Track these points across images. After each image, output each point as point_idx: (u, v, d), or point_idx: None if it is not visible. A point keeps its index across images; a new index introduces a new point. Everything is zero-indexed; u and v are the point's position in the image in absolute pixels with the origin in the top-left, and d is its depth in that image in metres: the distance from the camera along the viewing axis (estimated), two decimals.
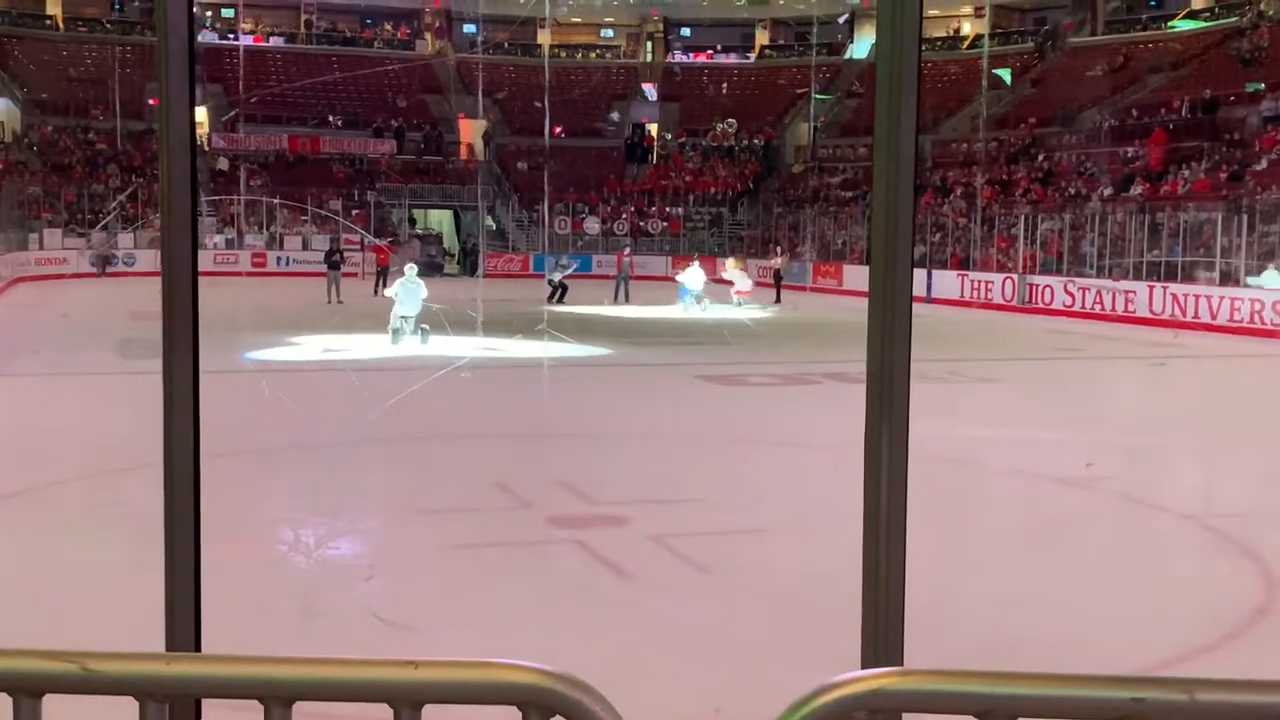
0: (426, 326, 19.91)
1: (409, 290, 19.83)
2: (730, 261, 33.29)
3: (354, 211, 46.56)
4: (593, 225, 48.51)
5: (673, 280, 33.78)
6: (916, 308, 2.27)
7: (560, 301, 31.04)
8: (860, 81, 51.23)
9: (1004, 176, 39.72)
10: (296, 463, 10.42)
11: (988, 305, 32.15)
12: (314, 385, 15.50)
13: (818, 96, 50.42)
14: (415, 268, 21.02)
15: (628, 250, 34.43)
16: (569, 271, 32.58)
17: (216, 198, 45.00)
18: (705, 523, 8.33)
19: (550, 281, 32.03)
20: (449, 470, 10.16)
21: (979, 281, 33.47)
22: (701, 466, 10.48)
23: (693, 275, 30.02)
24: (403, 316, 19.80)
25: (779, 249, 38.81)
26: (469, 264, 46.52)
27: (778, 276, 34.66)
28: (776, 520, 8.46)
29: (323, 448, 11.07)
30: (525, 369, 17.40)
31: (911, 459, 2.24)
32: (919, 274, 31.38)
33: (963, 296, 33.48)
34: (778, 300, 33.47)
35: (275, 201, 44.56)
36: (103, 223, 42.76)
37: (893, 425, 2.20)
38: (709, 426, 12.55)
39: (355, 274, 39.14)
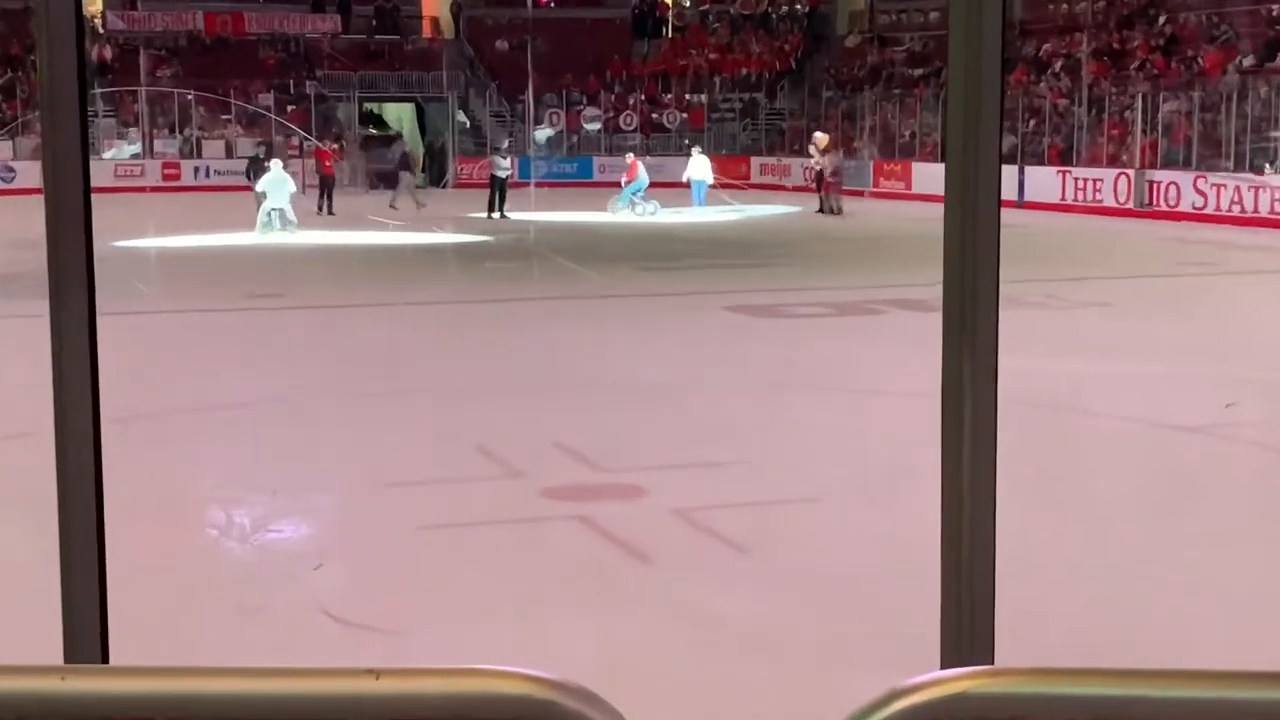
0: (294, 220, 26.04)
1: (276, 183, 26.11)
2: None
3: (289, 108, 46.44)
4: (593, 120, 48.31)
5: (686, 186, 34.05)
6: (1006, 214, 2.26)
7: (501, 211, 31.11)
8: None
9: (1115, 45, 39.37)
10: (226, 424, 10.48)
11: (1096, 209, 31.98)
12: (241, 325, 15.54)
13: None
14: (280, 162, 28.34)
15: (631, 157, 34.09)
16: (507, 169, 32.56)
17: (114, 89, 44.90)
18: (742, 491, 8.36)
19: (494, 178, 32.11)
20: (419, 430, 10.21)
21: (1085, 180, 33.28)
22: (736, 421, 10.50)
23: (638, 173, 32.03)
24: (271, 210, 25.81)
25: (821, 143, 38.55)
26: (435, 170, 46.40)
27: (820, 178, 34.51)
28: (831, 486, 8.48)
29: (259, 404, 11.12)
30: (508, 303, 17.43)
31: (1001, 404, 2.23)
32: (1008, 172, 31.26)
33: (1064, 199, 33.30)
34: (822, 209, 33.36)
35: (190, 96, 44.46)
36: None
37: (977, 364, 2.19)
38: (743, 370, 12.55)
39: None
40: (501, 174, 32.15)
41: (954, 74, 2.21)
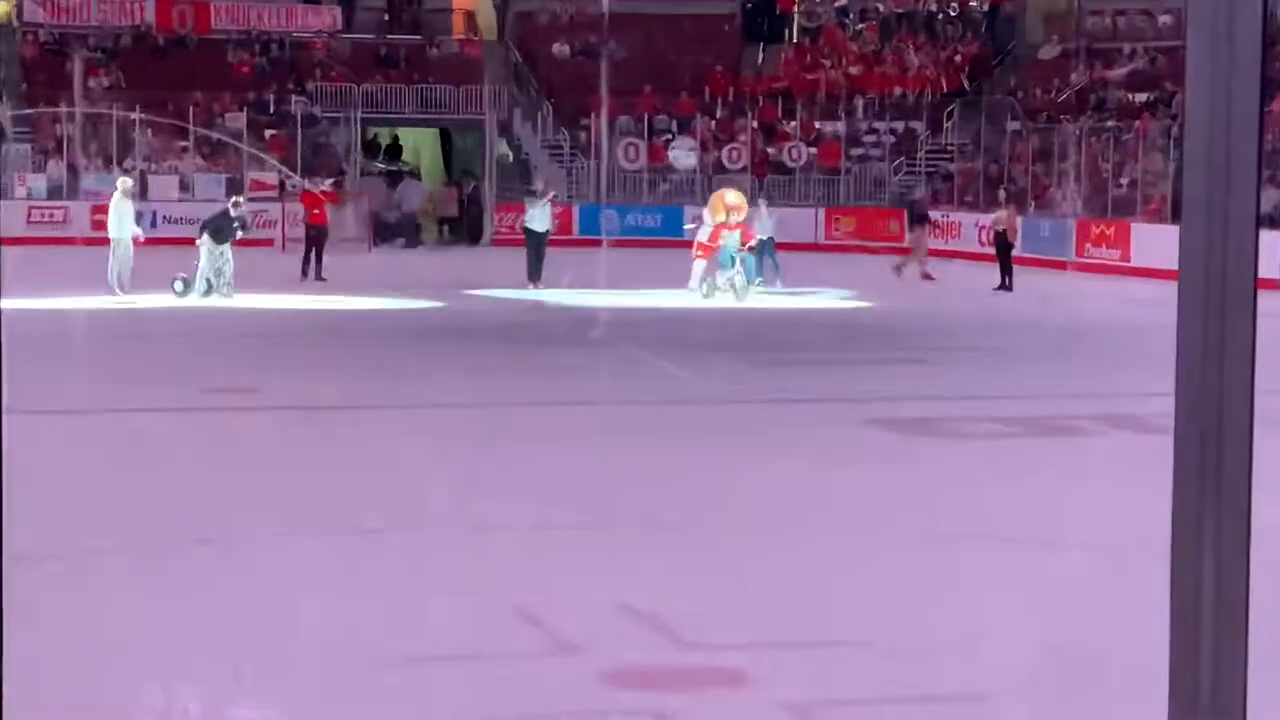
0: (192, 280, 28.21)
1: (118, 215, 28.81)
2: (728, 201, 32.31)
3: (268, 133, 46.98)
4: (685, 153, 48.49)
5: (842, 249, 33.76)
6: (1265, 298, 2.26)
7: (536, 278, 31.49)
8: None
9: None
10: (172, 569, 10.54)
11: None
12: (197, 431, 15.69)
13: None
14: (128, 180, 31.80)
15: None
16: (545, 221, 32.90)
17: (30, 110, 45.55)
18: (879, 682, 8.33)
19: (528, 232, 32.37)
20: (435, 584, 10.22)
21: None
22: (876, 582, 10.44)
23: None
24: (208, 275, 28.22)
25: (1008, 195, 38.51)
26: (468, 223, 46.61)
27: (1003, 243, 34.39)
28: (1001, 679, 8.42)
29: (218, 542, 11.19)
30: (563, 409, 17.46)
31: (1258, 572, 2.23)
32: (1268, 239, 30.84)
33: None
34: (1005, 284, 33.29)
35: (135, 116, 45.01)
36: None
37: (1222, 511, 2.18)
38: (886, 511, 12.50)
39: (270, 241, 39.48)
40: (539, 228, 32.37)
41: (1193, 101, 2.21)
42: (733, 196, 31.95)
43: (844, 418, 16.57)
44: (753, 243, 30.52)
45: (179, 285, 28.10)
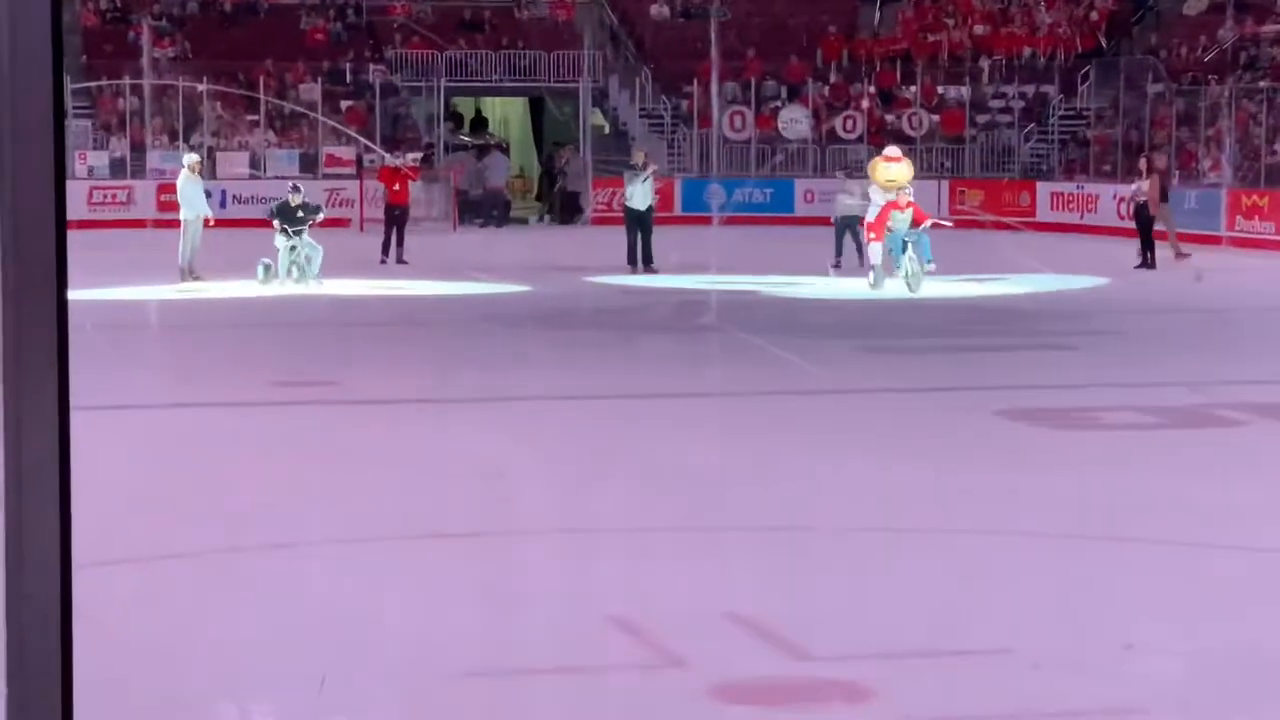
0: (269, 261, 28.23)
1: (190, 195, 29.68)
2: (888, 169, 30.07)
3: (345, 104, 47.19)
4: (797, 121, 48.35)
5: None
6: None
7: (643, 261, 31.26)
8: None
9: None
10: (246, 575, 10.61)
11: None
12: (267, 427, 15.79)
13: None
14: (195, 158, 32.29)
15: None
16: (646, 198, 32.50)
17: (91, 84, 45.91)
18: (1017, 695, 8.28)
19: (629, 211, 32.24)
20: (526, 592, 10.23)
21: None
22: (1010, 586, 10.39)
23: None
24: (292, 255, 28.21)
25: (1149, 163, 38.12)
26: (563, 199, 46.56)
27: (1144, 217, 34.06)
28: (1155, 692, 8.36)
29: (294, 547, 11.25)
30: (665, 401, 17.44)
31: None
32: None
33: None
34: (1147, 261, 33.00)
35: (202, 88, 45.27)
36: None
37: None
38: (1021, 509, 12.43)
39: (346, 221, 39.59)
40: (639, 205, 32.22)
41: None
42: (892, 170, 30.04)
43: (975, 408, 16.49)
44: (927, 223, 29.14)
45: (262, 271, 28.07)
